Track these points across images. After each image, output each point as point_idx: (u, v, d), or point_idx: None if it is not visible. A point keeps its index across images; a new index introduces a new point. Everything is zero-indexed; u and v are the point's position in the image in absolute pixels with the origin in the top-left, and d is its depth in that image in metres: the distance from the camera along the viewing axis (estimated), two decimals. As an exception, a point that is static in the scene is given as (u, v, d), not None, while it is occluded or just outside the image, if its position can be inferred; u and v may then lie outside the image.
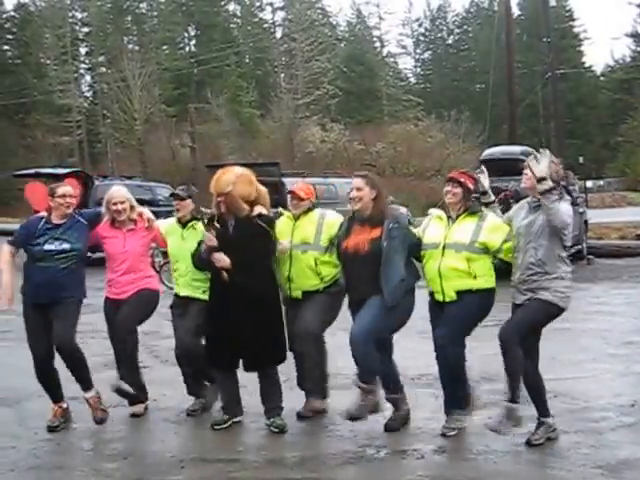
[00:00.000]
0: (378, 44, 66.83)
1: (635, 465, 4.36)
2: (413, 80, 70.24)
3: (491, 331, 4.70)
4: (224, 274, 5.03)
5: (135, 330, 5.39)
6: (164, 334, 7.03)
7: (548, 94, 35.72)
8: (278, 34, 61.53)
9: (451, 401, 4.98)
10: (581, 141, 55.23)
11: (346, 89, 54.78)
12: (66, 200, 5.29)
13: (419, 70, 71.79)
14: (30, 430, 5.27)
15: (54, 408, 5.35)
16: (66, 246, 5.24)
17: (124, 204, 5.45)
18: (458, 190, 4.90)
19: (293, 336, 5.21)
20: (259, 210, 5.13)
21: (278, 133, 42.49)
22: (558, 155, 5.76)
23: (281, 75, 49.78)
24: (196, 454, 4.77)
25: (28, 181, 16.88)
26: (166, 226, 5.70)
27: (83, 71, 58.53)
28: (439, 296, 4.88)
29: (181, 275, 5.57)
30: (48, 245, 5.22)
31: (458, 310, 4.80)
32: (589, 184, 39.06)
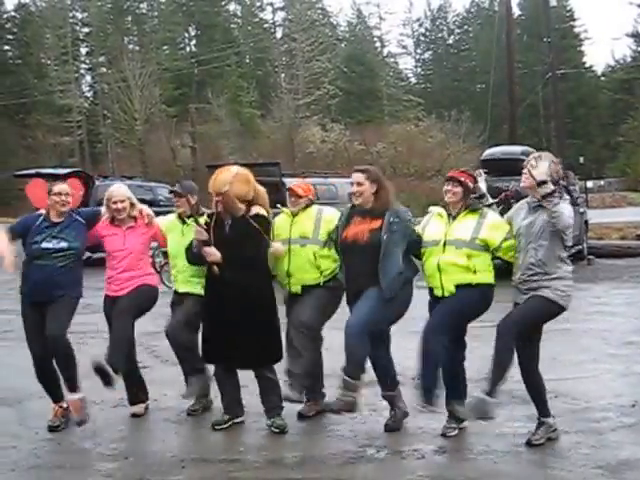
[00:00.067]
0: (378, 44, 66.81)
1: (636, 465, 4.36)
2: (413, 80, 70.23)
3: (491, 331, 4.69)
4: (215, 268, 5.04)
5: (133, 318, 5.30)
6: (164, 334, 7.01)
7: (549, 94, 35.82)
8: (278, 34, 61.56)
9: (428, 388, 4.77)
10: (582, 141, 55.20)
11: (346, 89, 54.78)
12: (61, 198, 5.27)
13: (419, 70, 71.78)
14: (31, 430, 5.28)
15: (55, 408, 5.35)
16: (64, 245, 5.23)
17: (124, 202, 5.44)
18: (458, 189, 4.90)
19: (292, 330, 5.16)
20: (256, 210, 5.13)
21: (278, 133, 42.45)
22: (558, 155, 5.76)
23: (281, 75, 49.72)
24: (197, 454, 4.77)
25: (28, 181, 16.82)
26: (166, 223, 5.69)
27: (83, 71, 58.54)
28: (438, 291, 4.85)
29: (180, 272, 5.57)
30: (46, 243, 5.21)
31: (453, 302, 4.77)
32: (589, 184, 39.11)
